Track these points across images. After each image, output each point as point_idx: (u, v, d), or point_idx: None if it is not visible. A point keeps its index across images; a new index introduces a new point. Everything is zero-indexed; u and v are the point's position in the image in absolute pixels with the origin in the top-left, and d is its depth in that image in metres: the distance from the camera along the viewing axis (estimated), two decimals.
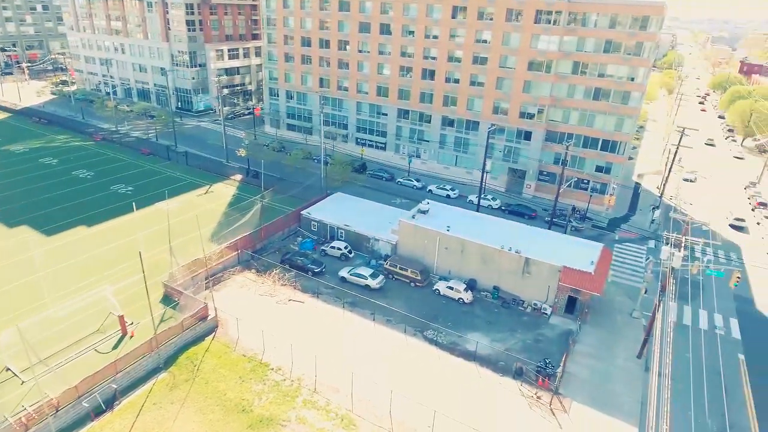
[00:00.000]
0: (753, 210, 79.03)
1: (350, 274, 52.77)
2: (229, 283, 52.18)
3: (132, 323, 44.52)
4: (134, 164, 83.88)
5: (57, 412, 34.61)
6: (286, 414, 36.15)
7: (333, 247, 57.99)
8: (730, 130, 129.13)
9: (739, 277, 44.52)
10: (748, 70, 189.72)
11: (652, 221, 71.00)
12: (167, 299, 48.34)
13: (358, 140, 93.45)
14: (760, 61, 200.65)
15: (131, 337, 43.03)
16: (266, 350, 42.52)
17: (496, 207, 73.76)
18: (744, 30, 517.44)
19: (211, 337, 44.09)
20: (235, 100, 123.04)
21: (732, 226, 73.36)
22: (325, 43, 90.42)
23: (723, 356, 45.26)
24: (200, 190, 74.73)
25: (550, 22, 69.98)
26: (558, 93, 72.86)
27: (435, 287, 51.79)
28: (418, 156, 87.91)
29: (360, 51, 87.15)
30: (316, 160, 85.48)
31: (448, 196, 77.37)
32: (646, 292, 48.41)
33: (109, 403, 36.91)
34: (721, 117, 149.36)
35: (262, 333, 43.69)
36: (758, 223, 74.13)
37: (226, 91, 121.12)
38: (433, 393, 39.00)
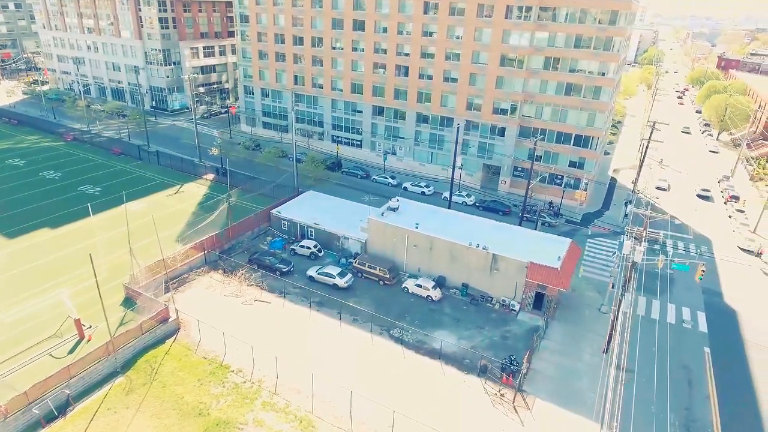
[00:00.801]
0: (725, 203, 79.67)
1: (318, 274, 52.08)
2: (195, 284, 51.19)
3: (90, 327, 43.41)
4: (105, 164, 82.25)
5: (5, 419, 33.51)
6: (243, 417, 35.40)
7: (302, 246, 57.23)
8: (706, 125, 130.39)
9: (703, 271, 44.74)
10: (725, 65, 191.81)
11: (625, 216, 71.21)
12: (129, 302, 47.25)
13: (334, 138, 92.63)
14: (738, 56, 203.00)
15: (88, 341, 41.93)
16: (228, 352, 41.69)
17: (471, 203, 73.51)
18: (724, 26, 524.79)
19: (172, 339, 43.14)
20: (211, 99, 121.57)
21: (699, 196, 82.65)
22: (298, 40, 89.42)
23: (689, 350, 45.35)
24: (171, 190, 73.44)
25: (520, 18, 69.75)
26: (530, 89, 72.72)
27: (404, 285, 51.30)
28: (394, 153, 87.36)
29: (334, 48, 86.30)
30: (290, 158, 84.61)
31: (423, 193, 76.95)
32: (613, 287, 48.33)
33: (62, 409, 35.86)
34: (698, 112, 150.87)
35: (223, 335, 42.77)
36: (730, 216, 74.73)
37: (202, 89, 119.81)
38: (396, 392, 38.49)
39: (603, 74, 68.20)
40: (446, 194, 74.70)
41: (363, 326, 45.86)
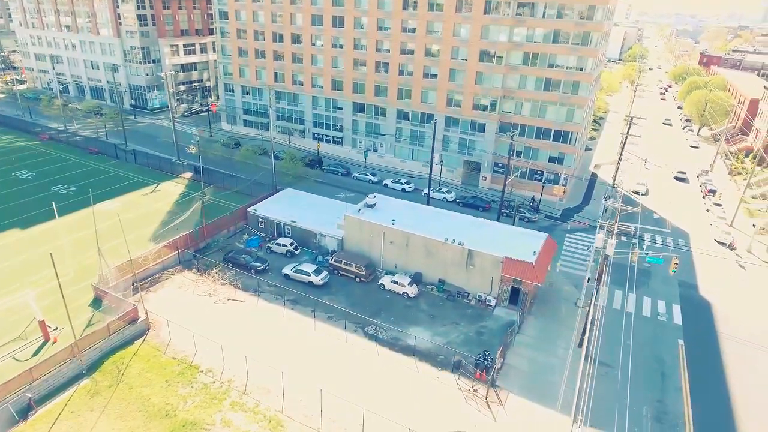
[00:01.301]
0: (703, 197, 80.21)
1: (294, 271, 51.44)
2: (168, 283, 50.30)
3: (56, 328, 42.41)
4: (80, 164, 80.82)
5: None
6: (211, 417, 34.72)
7: (279, 244, 56.54)
8: (687, 120, 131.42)
9: (676, 263, 44.78)
10: (707, 61, 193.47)
11: (604, 211, 71.36)
12: (98, 302, 46.28)
13: (315, 135, 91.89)
14: (719, 53, 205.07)
15: (53, 342, 40.96)
16: (198, 352, 40.95)
17: (451, 200, 73.23)
18: (708, 24, 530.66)
19: (141, 340, 42.30)
20: (192, 97, 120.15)
21: (676, 178, 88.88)
22: (278, 37, 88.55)
23: (663, 342, 45.40)
24: (147, 189, 72.30)
25: (499, 13, 69.52)
26: (510, 84, 72.58)
27: (380, 282, 50.84)
28: (375, 150, 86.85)
29: (314, 44, 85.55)
30: (269, 156, 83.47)
31: (403, 190, 76.55)
32: (589, 281, 48.27)
33: (24, 413, 34.93)
34: (680, 107, 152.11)
35: (192, 334, 41.98)
36: (708, 210, 75.21)
37: (182, 87, 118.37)
38: (369, 390, 38.03)
39: (581, 69, 68.22)
40: (427, 191, 74.31)
41: (338, 324, 45.34)
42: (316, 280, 50.28)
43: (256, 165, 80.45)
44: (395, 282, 49.85)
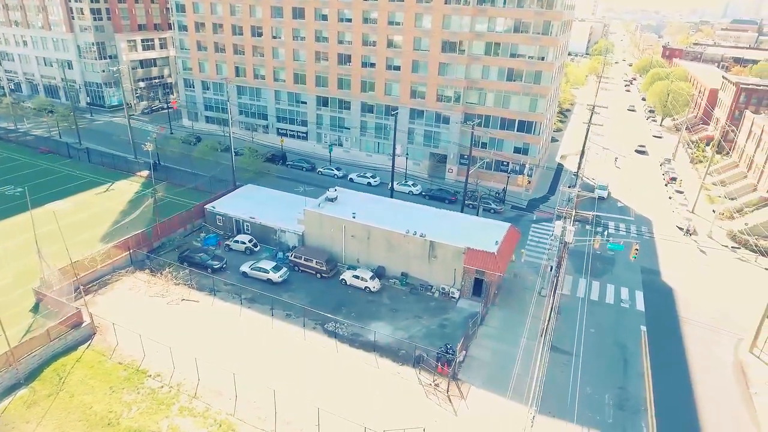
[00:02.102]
0: (666, 185, 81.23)
1: (252, 269, 49.62)
2: (118, 285, 47.88)
3: None
4: (30, 164, 76.98)
5: None
6: (157, 424, 32.82)
7: (237, 242, 54.58)
8: (650, 111, 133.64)
9: (636, 250, 44.64)
10: (669, 54, 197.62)
11: (569, 200, 71.39)
12: (39, 307, 43.62)
13: (279, 131, 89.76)
14: (681, 46, 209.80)
15: None
16: (146, 356, 38.87)
17: (417, 193, 72.28)
18: (671, 19, 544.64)
19: (85, 345, 39.96)
20: (152, 94, 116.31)
21: (637, 151, 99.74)
22: (238, 30, 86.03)
23: (626, 329, 45.27)
24: (100, 189, 69.21)
25: (459, 2, 68.71)
26: (473, 75, 71.95)
27: (341, 277, 49.44)
28: (341, 145, 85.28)
29: (274, 37, 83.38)
30: (236, 153, 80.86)
31: (369, 184, 75.25)
32: (551, 270, 47.86)
33: None
34: (644, 99, 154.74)
35: (140, 337, 39.80)
36: (670, 198, 76.12)
37: (142, 84, 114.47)
38: (328, 388, 36.65)
39: (543, 58, 67.98)
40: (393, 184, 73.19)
41: (296, 321, 43.79)
42: (275, 277, 48.58)
43: (216, 162, 77.99)
44: (357, 277, 48.53)
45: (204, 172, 73.67)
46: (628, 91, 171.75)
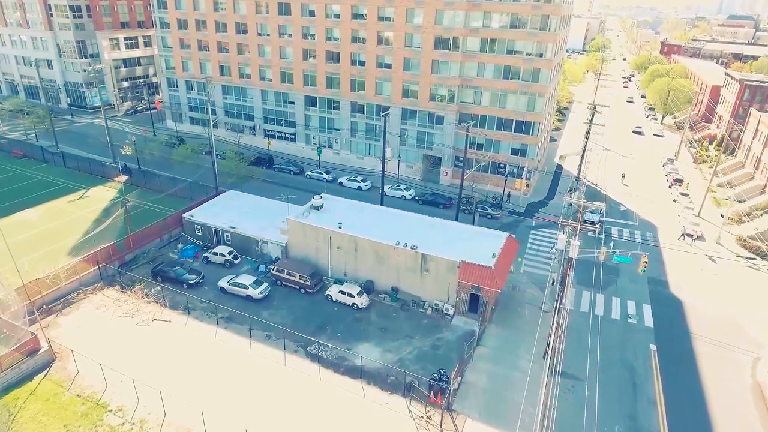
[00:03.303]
0: (670, 187, 77.87)
1: (230, 284, 45.93)
2: (84, 304, 44.12)
3: None
4: (1, 169, 72.93)
5: None
6: None
7: (216, 254, 50.85)
8: (650, 109, 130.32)
9: (646, 262, 41.18)
10: (668, 50, 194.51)
11: (570, 205, 67.93)
12: None
13: (267, 132, 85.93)
14: (679, 42, 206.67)
15: None
16: (109, 387, 35.19)
17: (410, 197, 68.72)
18: (667, 15, 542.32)
19: (42, 374, 36.24)
20: (137, 94, 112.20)
21: (634, 131, 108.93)
22: (221, 27, 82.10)
23: (634, 348, 41.84)
24: (74, 195, 65.32)
25: None
26: (468, 73, 68.32)
27: (327, 293, 45.79)
28: (330, 146, 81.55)
29: (260, 34, 79.50)
30: (219, 156, 77.05)
31: (359, 188, 71.63)
32: (554, 283, 44.40)
33: None
34: (643, 96, 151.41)
35: (101, 366, 36.06)
36: (674, 200, 72.75)
37: (126, 84, 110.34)
38: (309, 421, 33.06)
39: (541, 55, 64.42)
40: (385, 188, 69.53)
41: (276, 344, 40.16)
42: (255, 293, 44.91)
43: (201, 165, 74.16)
44: (343, 292, 44.90)
45: (186, 177, 69.86)
46: (627, 87, 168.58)
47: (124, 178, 70.14)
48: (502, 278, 41.67)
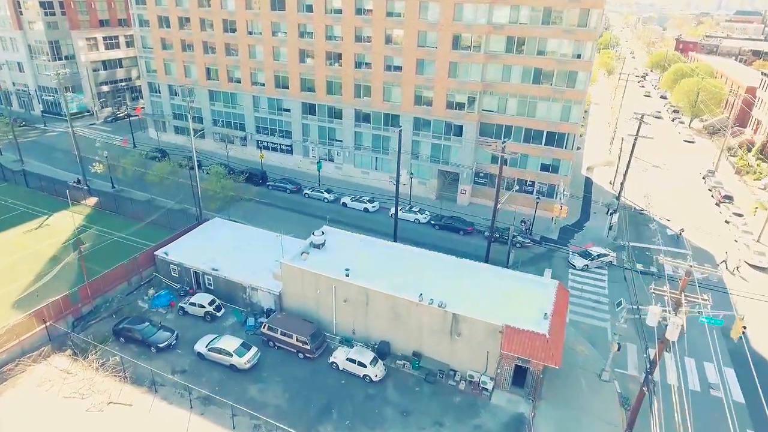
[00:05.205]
0: (718, 205, 68.53)
1: (209, 350, 36.53)
2: (23, 379, 34.71)
3: None
4: None
5: None
6: None
7: (193, 304, 41.40)
8: (675, 111, 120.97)
9: (744, 327, 31.76)
10: (683, 47, 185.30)
11: (610, 228, 58.69)
12: None
13: (259, 143, 76.41)
14: (695, 38, 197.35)
15: None
16: None
17: (424, 221, 59.39)
18: (670, 11, 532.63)
19: None
20: (119, 98, 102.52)
21: (685, 141, 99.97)
22: (207, 24, 72.50)
23: None
24: (34, 223, 55.82)
25: None
26: (491, 76, 58.92)
27: (331, 359, 36.44)
28: (332, 160, 72.07)
29: (250, 33, 69.90)
30: (202, 171, 67.38)
31: (366, 210, 62.27)
32: (619, 349, 35.20)
33: None
34: (663, 97, 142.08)
35: None
36: (727, 222, 63.47)
37: (106, 88, 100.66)
38: None
39: (579, 56, 55.05)
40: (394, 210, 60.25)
41: None
42: (241, 362, 35.54)
43: (183, 183, 64.63)
44: (353, 360, 35.54)
45: (167, 198, 60.41)
46: (642, 86, 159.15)
47: (93, 200, 60.63)
48: (558, 348, 32.30)
